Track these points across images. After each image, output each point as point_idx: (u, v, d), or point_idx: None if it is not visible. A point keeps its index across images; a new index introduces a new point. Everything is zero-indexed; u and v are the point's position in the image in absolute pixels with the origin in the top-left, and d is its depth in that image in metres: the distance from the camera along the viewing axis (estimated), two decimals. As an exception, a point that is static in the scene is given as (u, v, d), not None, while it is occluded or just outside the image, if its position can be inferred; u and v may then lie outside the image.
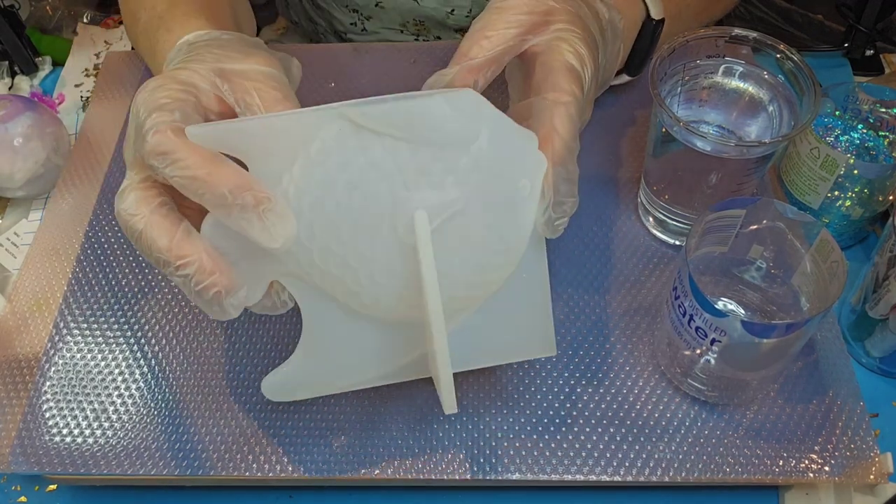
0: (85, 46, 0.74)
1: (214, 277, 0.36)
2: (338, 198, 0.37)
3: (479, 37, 0.42)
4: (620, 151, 0.59)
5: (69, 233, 0.55)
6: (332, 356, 0.41)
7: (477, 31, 0.43)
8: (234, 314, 0.38)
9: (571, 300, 0.51)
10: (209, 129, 0.36)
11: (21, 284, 0.53)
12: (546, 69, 0.42)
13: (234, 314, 0.38)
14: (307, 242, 0.38)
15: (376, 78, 0.64)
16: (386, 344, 0.41)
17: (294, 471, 0.44)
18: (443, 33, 0.73)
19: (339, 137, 0.36)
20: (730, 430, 0.45)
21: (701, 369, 0.44)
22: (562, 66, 0.42)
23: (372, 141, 0.37)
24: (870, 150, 0.53)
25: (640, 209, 0.55)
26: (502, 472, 0.44)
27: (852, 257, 0.57)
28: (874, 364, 0.51)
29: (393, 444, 0.45)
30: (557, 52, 0.42)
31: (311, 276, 0.39)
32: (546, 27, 0.43)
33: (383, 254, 0.38)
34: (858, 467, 0.43)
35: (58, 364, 0.48)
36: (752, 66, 0.49)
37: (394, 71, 0.64)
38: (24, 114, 0.59)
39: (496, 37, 0.42)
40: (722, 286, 0.46)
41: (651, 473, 0.44)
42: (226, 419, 0.46)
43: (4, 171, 0.58)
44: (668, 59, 0.48)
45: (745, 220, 0.43)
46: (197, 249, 0.36)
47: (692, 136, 0.46)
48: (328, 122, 0.36)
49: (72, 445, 0.45)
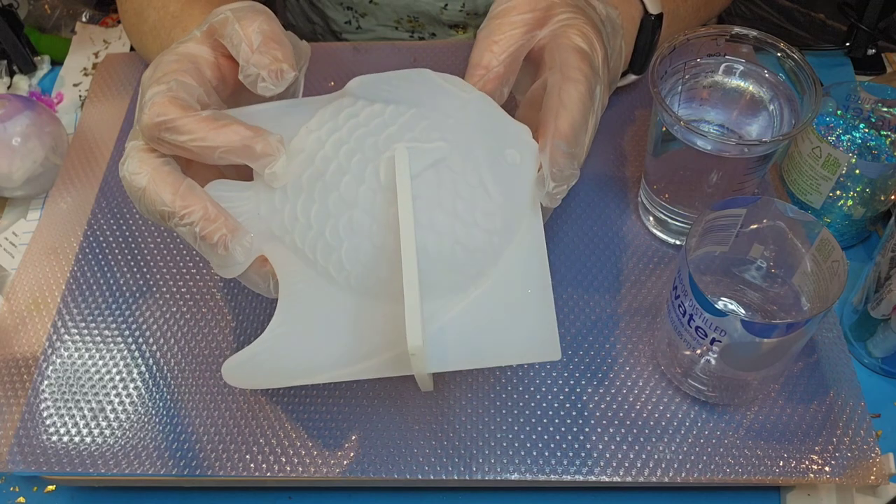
0: (83, 45, 0.74)
1: (220, 222, 0.37)
2: (326, 152, 0.39)
3: (488, 43, 0.42)
4: (620, 151, 0.58)
5: (67, 232, 0.55)
6: (305, 340, 0.39)
7: (483, 39, 0.42)
8: (240, 259, 0.38)
9: (571, 300, 0.51)
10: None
11: (19, 284, 0.53)
12: (554, 55, 0.42)
13: (241, 259, 0.38)
14: (293, 196, 0.39)
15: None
16: (363, 334, 0.39)
17: (294, 471, 0.44)
18: (437, 30, 0.73)
19: (336, 107, 0.39)
20: (730, 430, 0.45)
21: (701, 369, 0.44)
22: (570, 48, 0.41)
23: (364, 106, 0.39)
24: (871, 150, 0.53)
25: (641, 209, 0.55)
26: (502, 472, 0.44)
27: (854, 257, 0.57)
28: (876, 364, 0.51)
29: (393, 445, 0.45)
30: (564, 38, 0.42)
31: (292, 236, 0.39)
32: (549, 20, 0.43)
33: (365, 199, 0.39)
34: (859, 468, 0.43)
35: (56, 364, 0.48)
36: (753, 64, 0.49)
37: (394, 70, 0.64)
38: (22, 113, 0.59)
39: (504, 40, 0.42)
40: (722, 286, 0.46)
41: (651, 474, 0.43)
42: (224, 419, 0.46)
43: (3, 170, 0.58)
44: (669, 57, 0.48)
45: (745, 220, 0.43)
46: (201, 199, 0.37)
47: (693, 136, 0.45)
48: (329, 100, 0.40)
49: (70, 445, 0.45)
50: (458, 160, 0.39)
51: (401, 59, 0.65)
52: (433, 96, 0.40)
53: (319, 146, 0.39)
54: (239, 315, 0.50)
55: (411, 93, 0.40)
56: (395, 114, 0.40)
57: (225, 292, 0.51)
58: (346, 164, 0.39)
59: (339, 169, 0.39)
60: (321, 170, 0.39)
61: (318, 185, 0.39)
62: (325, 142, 0.39)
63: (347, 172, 0.39)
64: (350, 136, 0.39)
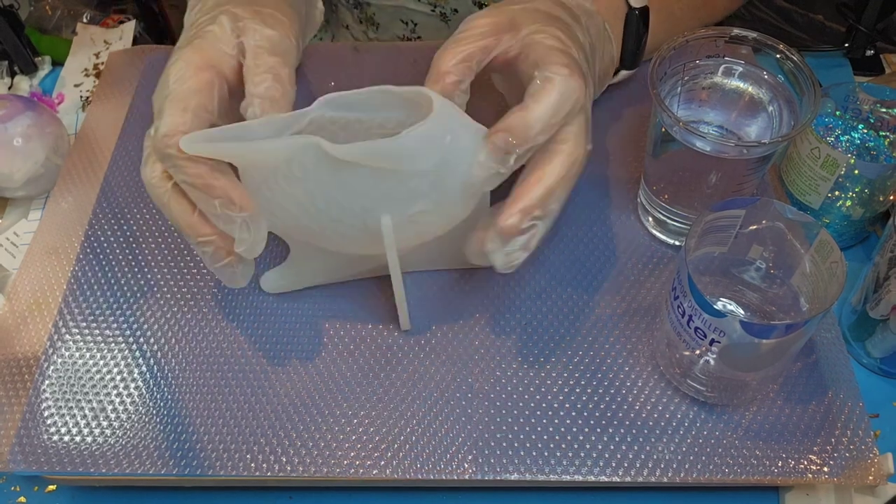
0: (84, 46, 0.74)
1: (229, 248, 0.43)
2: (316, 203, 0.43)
3: (450, 49, 0.44)
4: (620, 151, 0.58)
5: (69, 232, 0.55)
6: (315, 264, 0.50)
7: (440, 51, 0.45)
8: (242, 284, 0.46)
9: (571, 300, 0.51)
10: (200, 146, 0.40)
11: (20, 284, 0.53)
12: (529, 60, 0.44)
13: (244, 284, 0.46)
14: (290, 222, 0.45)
15: (376, 77, 0.63)
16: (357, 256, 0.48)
17: (294, 471, 0.44)
18: (459, 5, 0.71)
19: (317, 162, 0.40)
20: (729, 430, 0.45)
21: (700, 370, 0.44)
22: (544, 48, 0.44)
23: (345, 167, 0.40)
24: (870, 150, 0.53)
25: (640, 209, 0.55)
26: (502, 472, 0.44)
27: (853, 257, 0.57)
28: (875, 364, 0.51)
29: (393, 445, 0.45)
30: (535, 44, 0.44)
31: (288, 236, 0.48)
32: (515, 32, 0.45)
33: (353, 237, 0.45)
34: (858, 468, 0.43)
35: (57, 364, 0.48)
36: (752, 66, 0.49)
37: (394, 71, 0.64)
38: (23, 114, 0.59)
39: (459, 49, 0.44)
40: (721, 286, 0.46)
41: (650, 474, 0.44)
42: (225, 419, 0.46)
43: (4, 170, 0.58)
44: (668, 58, 0.48)
45: (744, 221, 0.43)
46: (213, 229, 0.42)
47: (692, 137, 0.46)
48: (305, 149, 0.40)
49: (71, 445, 0.45)
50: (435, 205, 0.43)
51: (401, 59, 0.65)
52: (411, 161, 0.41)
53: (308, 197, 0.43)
54: (240, 315, 0.51)
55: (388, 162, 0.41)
56: (377, 181, 0.42)
57: (225, 292, 0.52)
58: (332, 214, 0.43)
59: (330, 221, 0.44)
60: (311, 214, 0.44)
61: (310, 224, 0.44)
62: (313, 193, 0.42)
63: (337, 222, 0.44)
64: (335, 195, 0.42)
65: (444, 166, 0.41)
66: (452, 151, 0.41)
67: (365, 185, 0.41)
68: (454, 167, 0.42)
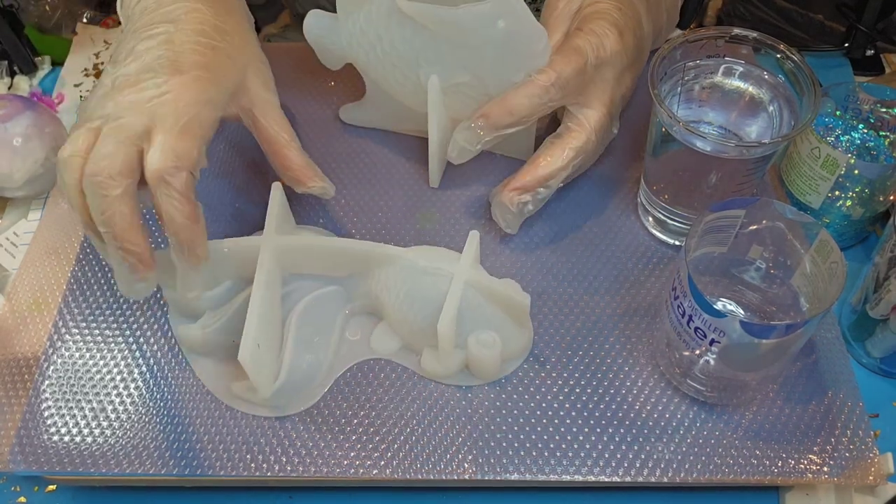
0: (84, 46, 0.74)
1: (145, 267, 0.42)
2: (383, 45, 0.50)
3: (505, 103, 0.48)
4: (620, 151, 0.58)
5: (68, 232, 0.55)
6: (384, 108, 0.57)
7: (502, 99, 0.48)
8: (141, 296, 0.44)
9: (571, 300, 0.51)
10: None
11: (20, 284, 0.53)
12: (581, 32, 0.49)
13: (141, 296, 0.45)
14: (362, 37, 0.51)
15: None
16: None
17: (294, 471, 0.44)
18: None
19: (389, 11, 0.47)
20: (729, 430, 0.45)
21: (700, 370, 0.44)
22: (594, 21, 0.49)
23: (409, 22, 0.47)
24: (870, 150, 0.53)
25: (640, 209, 0.55)
26: (502, 472, 0.44)
27: (853, 257, 0.57)
28: (875, 364, 0.51)
29: (393, 445, 0.45)
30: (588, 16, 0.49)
31: (365, 54, 0.53)
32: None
33: (407, 88, 0.52)
34: (857, 468, 0.43)
35: (57, 364, 0.48)
36: (752, 66, 0.49)
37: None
38: (23, 113, 0.59)
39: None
40: (721, 286, 0.46)
41: (650, 474, 0.44)
42: (225, 419, 0.46)
43: (3, 170, 0.58)
44: (668, 58, 0.48)
45: (744, 221, 0.43)
46: (143, 241, 0.42)
47: (692, 137, 0.46)
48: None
49: (71, 445, 0.45)
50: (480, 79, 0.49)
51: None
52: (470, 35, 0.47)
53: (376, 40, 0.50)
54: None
55: (448, 30, 0.47)
56: (432, 42, 0.48)
57: (225, 292, 0.51)
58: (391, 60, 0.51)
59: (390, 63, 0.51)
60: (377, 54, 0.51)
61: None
62: (377, 40, 0.50)
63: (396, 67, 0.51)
64: (394, 48, 0.50)
65: (492, 48, 0.46)
66: (504, 37, 0.46)
67: (421, 42, 0.48)
68: (502, 53, 0.47)
